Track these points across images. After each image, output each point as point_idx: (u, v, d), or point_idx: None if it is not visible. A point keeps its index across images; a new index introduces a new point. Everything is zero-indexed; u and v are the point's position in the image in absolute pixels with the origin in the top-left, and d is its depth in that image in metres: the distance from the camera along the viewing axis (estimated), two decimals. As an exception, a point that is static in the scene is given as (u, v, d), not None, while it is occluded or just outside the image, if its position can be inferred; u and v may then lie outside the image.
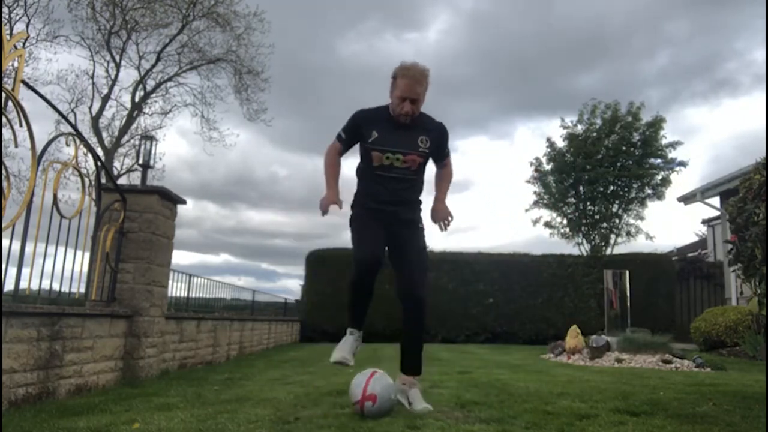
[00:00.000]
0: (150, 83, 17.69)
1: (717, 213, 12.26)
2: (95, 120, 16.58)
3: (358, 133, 3.03)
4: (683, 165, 15.08)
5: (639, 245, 25.96)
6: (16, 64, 3.24)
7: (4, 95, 2.82)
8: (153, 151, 7.98)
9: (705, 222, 17.69)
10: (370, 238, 2.97)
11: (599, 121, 15.33)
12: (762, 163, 3.50)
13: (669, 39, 30.81)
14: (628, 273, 8.17)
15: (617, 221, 15.37)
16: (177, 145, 31.71)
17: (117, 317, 4.18)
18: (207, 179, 29.48)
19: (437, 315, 13.29)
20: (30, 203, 3.10)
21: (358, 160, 3.13)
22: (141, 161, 7.97)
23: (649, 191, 15.20)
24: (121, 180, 16.25)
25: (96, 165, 4.27)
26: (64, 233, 3.60)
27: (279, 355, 8.16)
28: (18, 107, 2.94)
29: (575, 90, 31.49)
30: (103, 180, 4.62)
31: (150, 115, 17.86)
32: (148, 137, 8.22)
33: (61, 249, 3.61)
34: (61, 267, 3.63)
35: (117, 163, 17.01)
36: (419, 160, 2.99)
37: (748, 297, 9.28)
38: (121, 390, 3.80)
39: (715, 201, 11.79)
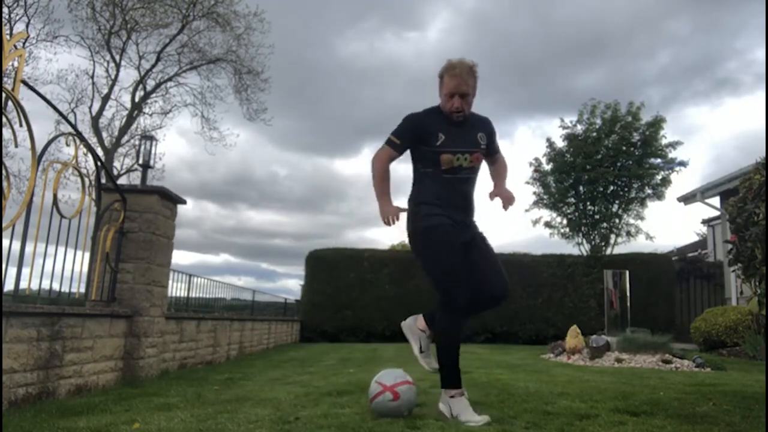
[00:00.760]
0: (150, 83, 17.72)
1: (717, 213, 12.26)
2: (95, 120, 16.60)
3: (418, 138, 2.85)
4: (683, 165, 15.09)
5: (639, 245, 26.02)
6: (16, 64, 3.24)
7: (4, 95, 2.82)
8: (153, 151, 7.97)
9: (705, 222, 17.69)
10: (463, 274, 2.78)
11: (599, 121, 15.33)
12: (762, 163, 3.50)
13: (670, 38, 30.84)
14: (628, 273, 8.17)
15: (617, 221, 15.36)
16: (177, 145, 31.73)
17: (117, 317, 4.18)
18: (207, 179, 29.51)
19: (437, 315, 13.29)
20: (30, 203, 3.11)
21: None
22: (141, 161, 7.97)
23: (649, 191, 15.19)
24: (121, 180, 16.27)
25: (96, 165, 4.27)
26: (64, 233, 3.60)
27: (279, 355, 8.16)
28: (18, 107, 2.94)
29: (576, 89, 31.55)
30: (103, 180, 4.62)
31: (150, 115, 17.90)
32: (148, 137, 8.22)
33: (61, 249, 3.61)
34: (61, 267, 3.63)
35: (117, 163, 17.03)
36: (481, 157, 2.94)
37: (748, 297, 9.28)
38: (121, 390, 3.80)
39: (715, 201, 11.79)
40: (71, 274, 3.79)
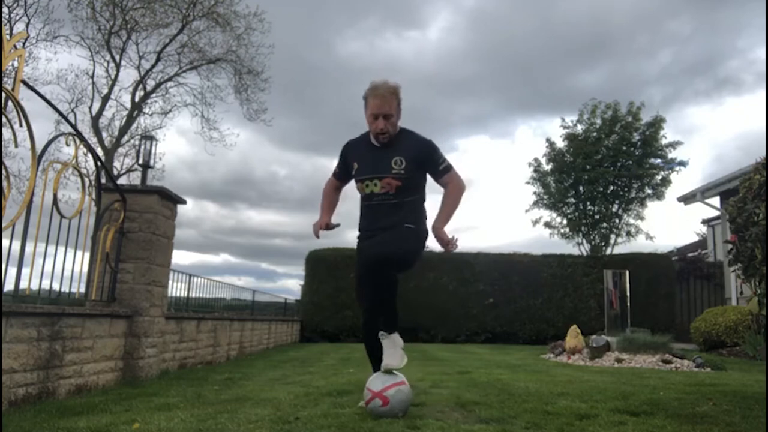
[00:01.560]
0: (150, 83, 17.71)
1: (717, 213, 12.26)
2: (95, 120, 16.59)
3: (347, 165, 3.05)
4: (683, 165, 15.11)
5: (639, 245, 25.99)
6: (16, 64, 3.24)
7: (4, 95, 2.82)
8: (153, 151, 8.00)
9: (705, 222, 17.69)
10: (362, 293, 2.99)
11: (599, 121, 15.34)
12: (762, 163, 3.50)
13: (671, 37, 30.83)
14: (628, 273, 8.18)
15: (617, 221, 15.37)
16: (177, 145, 31.72)
17: (117, 317, 4.18)
18: (207, 179, 29.51)
19: (437, 315, 13.32)
20: (30, 203, 3.11)
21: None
22: (141, 161, 7.99)
23: (649, 191, 15.20)
24: (121, 180, 16.26)
25: (96, 165, 4.27)
26: (64, 233, 3.60)
27: (279, 355, 8.16)
28: (18, 107, 2.94)
29: (577, 89, 31.51)
30: (103, 180, 4.62)
31: (150, 115, 17.88)
32: (148, 137, 8.24)
33: (61, 249, 3.61)
34: (61, 267, 3.63)
35: (117, 163, 17.02)
36: (396, 183, 2.85)
37: (748, 297, 9.27)
38: (121, 390, 3.80)
39: (715, 201, 11.79)
40: (71, 274, 3.80)
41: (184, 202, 5.11)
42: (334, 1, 27.47)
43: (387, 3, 30.26)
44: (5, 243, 2.88)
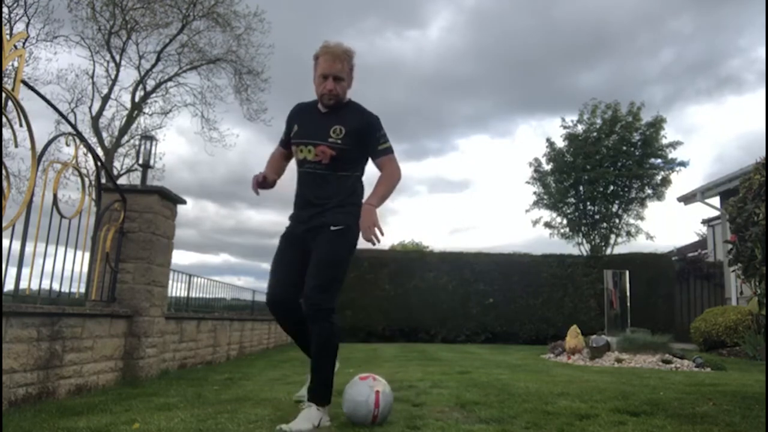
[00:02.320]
0: (150, 83, 17.73)
1: (717, 213, 12.25)
2: (95, 120, 16.60)
3: (288, 130, 2.86)
4: (683, 165, 15.12)
5: (639, 245, 25.98)
6: (16, 64, 3.24)
7: (4, 95, 2.82)
8: (153, 151, 7.99)
9: (705, 222, 17.68)
10: (273, 272, 2.77)
11: (599, 121, 15.34)
12: (762, 163, 3.50)
13: (672, 36, 30.82)
14: (628, 273, 8.17)
15: (617, 221, 15.38)
16: (177, 145, 31.70)
17: (117, 317, 4.18)
18: (207, 179, 29.51)
19: (437, 315, 13.32)
20: (30, 203, 3.10)
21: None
22: (141, 161, 7.98)
23: (649, 191, 15.21)
24: (121, 180, 16.27)
25: (96, 165, 4.27)
26: (64, 233, 3.60)
27: (279, 355, 8.16)
28: (18, 107, 2.94)
29: (578, 88, 31.53)
30: (103, 180, 4.62)
31: (150, 115, 17.91)
32: (148, 137, 8.23)
33: (61, 249, 3.61)
34: (61, 267, 3.63)
35: (117, 163, 17.04)
36: (330, 152, 2.64)
37: (748, 297, 9.28)
38: (121, 390, 3.80)
39: (715, 201, 11.78)
40: (71, 274, 3.80)
41: (184, 202, 5.11)
42: (334, 1, 27.48)
43: (387, 2, 30.28)
44: (5, 243, 2.88)
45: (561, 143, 15.63)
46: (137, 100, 17.43)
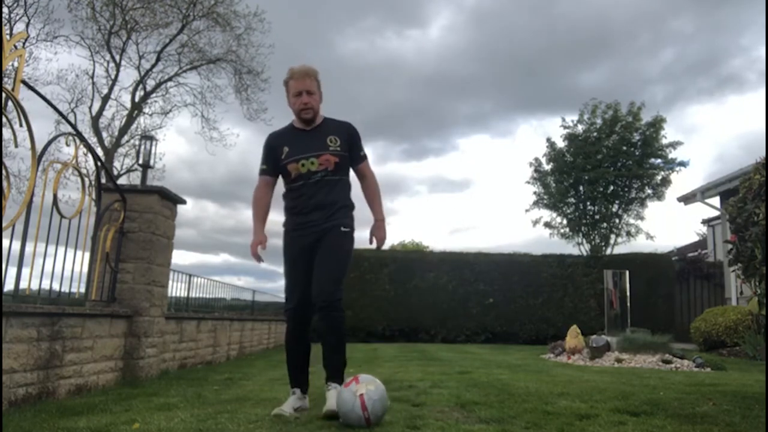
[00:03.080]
0: (150, 83, 17.71)
1: (717, 213, 12.25)
2: (95, 120, 16.59)
3: (274, 158, 3.00)
4: (683, 165, 15.12)
5: (639, 245, 26.00)
6: (16, 64, 3.24)
7: (4, 95, 2.82)
8: (153, 151, 7.99)
9: (705, 222, 17.69)
10: (296, 282, 2.96)
11: (599, 121, 15.33)
12: (762, 163, 3.50)
13: (673, 36, 30.82)
14: (628, 273, 8.17)
15: (617, 221, 15.37)
16: (177, 145, 31.69)
17: (117, 317, 4.18)
18: (207, 179, 29.51)
19: (437, 315, 13.31)
20: (30, 203, 3.10)
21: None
22: (141, 161, 7.98)
23: (649, 191, 15.20)
24: (121, 180, 16.26)
25: (96, 165, 4.27)
26: (64, 233, 3.60)
27: (279, 355, 8.16)
28: (18, 107, 2.94)
29: (578, 88, 31.53)
30: (103, 180, 4.62)
31: (150, 115, 17.88)
32: (148, 137, 8.23)
33: (61, 249, 3.61)
34: (61, 267, 3.63)
35: (117, 163, 17.02)
36: (334, 159, 2.92)
37: (748, 297, 9.28)
38: (121, 390, 3.80)
39: (715, 201, 11.78)
40: (71, 274, 3.80)
41: (184, 202, 5.11)
42: (334, 1, 27.48)
43: (387, 2, 30.28)
44: (5, 243, 2.88)
45: (561, 143, 15.63)
46: (137, 100, 17.42)
